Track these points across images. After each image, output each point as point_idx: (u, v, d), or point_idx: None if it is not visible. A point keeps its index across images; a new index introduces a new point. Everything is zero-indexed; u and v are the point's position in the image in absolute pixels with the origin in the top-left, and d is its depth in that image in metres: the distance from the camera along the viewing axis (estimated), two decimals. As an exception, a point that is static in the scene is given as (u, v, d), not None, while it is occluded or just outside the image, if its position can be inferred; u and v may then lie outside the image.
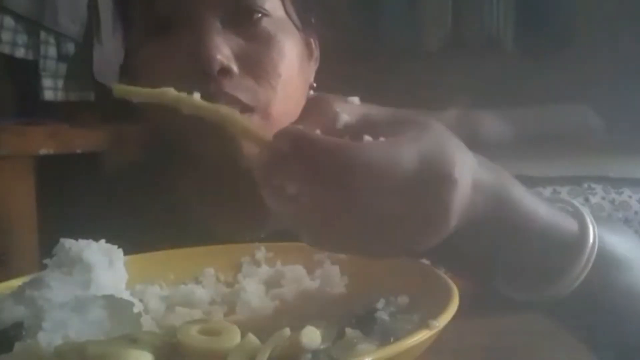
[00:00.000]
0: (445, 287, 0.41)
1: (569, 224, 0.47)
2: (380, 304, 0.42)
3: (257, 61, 0.63)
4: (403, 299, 0.43)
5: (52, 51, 1.69)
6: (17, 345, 0.35)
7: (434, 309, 0.38)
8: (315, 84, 0.72)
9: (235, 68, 0.61)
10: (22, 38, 1.66)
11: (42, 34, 1.67)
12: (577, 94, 2.30)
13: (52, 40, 1.69)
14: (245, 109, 0.62)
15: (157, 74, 0.63)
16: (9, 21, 1.63)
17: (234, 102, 0.61)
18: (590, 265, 0.45)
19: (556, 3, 2.52)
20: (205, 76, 0.60)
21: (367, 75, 2.15)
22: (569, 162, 1.98)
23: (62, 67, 1.72)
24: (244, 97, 0.62)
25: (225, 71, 0.61)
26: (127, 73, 0.71)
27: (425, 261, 0.47)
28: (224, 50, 0.61)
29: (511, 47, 2.53)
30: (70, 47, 1.72)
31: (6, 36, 1.63)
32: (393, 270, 0.47)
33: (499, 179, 0.44)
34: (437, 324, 0.36)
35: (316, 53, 0.73)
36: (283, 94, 0.64)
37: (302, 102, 0.67)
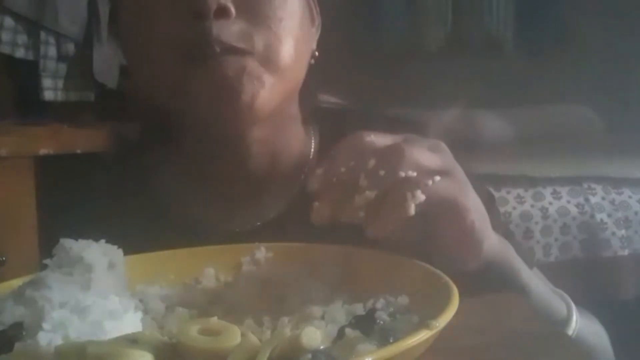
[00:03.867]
0: (445, 287, 0.41)
1: (557, 303, 0.55)
2: (380, 304, 0.42)
3: (256, 2, 0.59)
4: (403, 299, 0.43)
5: (52, 51, 1.69)
6: (17, 346, 0.35)
7: (434, 309, 0.38)
8: (317, 53, 0.68)
9: (232, 8, 0.57)
10: (22, 38, 1.66)
11: (42, 34, 1.67)
12: (577, 94, 2.30)
13: (52, 40, 1.68)
14: (242, 53, 0.58)
15: (148, 16, 0.60)
16: (9, 21, 1.63)
17: (230, 50, 0.57)
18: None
19: (556, 3, 2.52)
20: (200, 18, 0.56)
21: (367, 75, 2.15)
22: (569, 162, 1.98)
23: (62, 67, 1.71)
24: (240, 43, 0.57)
25: (221, 11, 0.56)
26: (116, 19, 0.68)
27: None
28: None
29: (511, 47, 2.53)
30: (70, 47, 1.71)
31: (6, 36, 1.63)
32: (393, 270, 0.47)
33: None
34: (437, 324, 0.36)
35: (318, 21, 0.69)
36: (285, 40, 0.60)
37: (305, 66, 0.64)
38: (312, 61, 0.67)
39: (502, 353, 0.49)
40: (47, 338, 0.35)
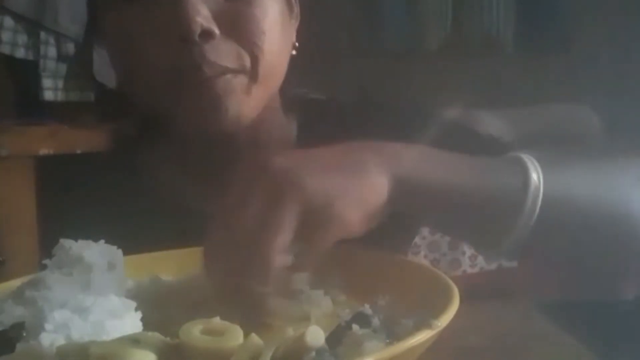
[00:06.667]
0: (445, 287, 0.42)
1: (510, 173, 0.50)
2: (377, 305, 0.42)
3: (238, 20, 0.59)
4: (401, 300, 0.43)
5: (52, 51, 1.69)
6: (19, 346, 0.36)
7: (434, 309, 0.38)
8: (297, 44, 0.68)
9: (215, 29, 0.58)
10: (22, 38, 1.66)
11: (42, 34, 1.67)
12: (577, 94, 2.30)
13: (52, 40, 1.69)
14: (231, 72, 0.59)
15: (134, 42, 0.60)
16: (9, 21, 1.63)
17: (221, 70, 0.58)
18: (537, 209, 0.48)
19: (556, 3, 2.52)
20: (186, 42, 0.57)
21: (366, 75, 2.15)
22: (568, 162, 1.97)
23: (62, 67, 1.72)
24: (229, 63, 0.59)
25: (206, 34, 0.57)
26: (97, 36, 0.68)
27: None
28: (202, 10, 0.57)
29: (511, 47, 2.53)
30: (70, 47, 1.71)
31: (6, 36, 1.63)
32: (393, 270, 0.48)
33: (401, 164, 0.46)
34: (439, 324, 0.36)
35: (296, 9, 0.68)
36: (269, 52, 0.61)
37: (286, 62, 0.65)
38: (294, 52, 0.67)
39: (501, 353, 0.49)
40: (50, 339, 0.35)
